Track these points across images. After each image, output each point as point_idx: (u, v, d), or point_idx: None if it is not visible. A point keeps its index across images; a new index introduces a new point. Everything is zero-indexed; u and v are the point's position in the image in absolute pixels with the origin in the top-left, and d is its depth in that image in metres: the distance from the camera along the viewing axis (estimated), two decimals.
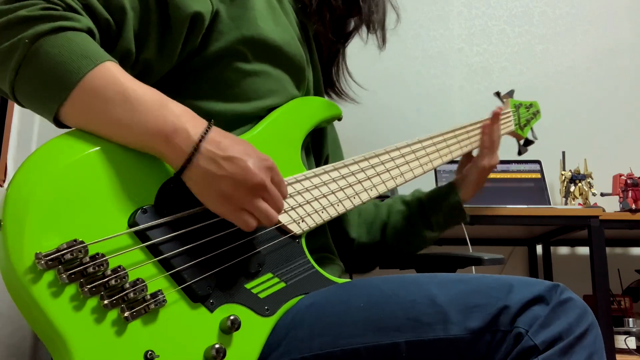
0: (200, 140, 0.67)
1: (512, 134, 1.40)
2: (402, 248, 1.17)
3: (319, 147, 1.05)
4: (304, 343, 0.73)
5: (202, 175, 0.68)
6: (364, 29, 1.10)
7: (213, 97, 0.85)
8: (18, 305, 0.59)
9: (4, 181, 1.70)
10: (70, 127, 0.68)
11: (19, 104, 0.69)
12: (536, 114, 1.47)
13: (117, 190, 0.65)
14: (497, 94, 1.43)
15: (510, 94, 1.42)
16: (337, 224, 1.08)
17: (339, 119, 1.03)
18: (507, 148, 1.68)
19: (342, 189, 0.91)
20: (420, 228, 1.15)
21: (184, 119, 0.68)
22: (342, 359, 0.71)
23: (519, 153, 1.47)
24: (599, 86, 2.43)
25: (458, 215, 1.16)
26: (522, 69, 2.47)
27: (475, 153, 1.22)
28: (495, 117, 1.20)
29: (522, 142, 1.46)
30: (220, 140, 0.69)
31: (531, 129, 1.45)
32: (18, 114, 1.95)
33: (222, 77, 0.86)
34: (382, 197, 1.85)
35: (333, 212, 0.89)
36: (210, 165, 0.67)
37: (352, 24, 1.12)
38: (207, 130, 0.68)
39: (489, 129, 1.19)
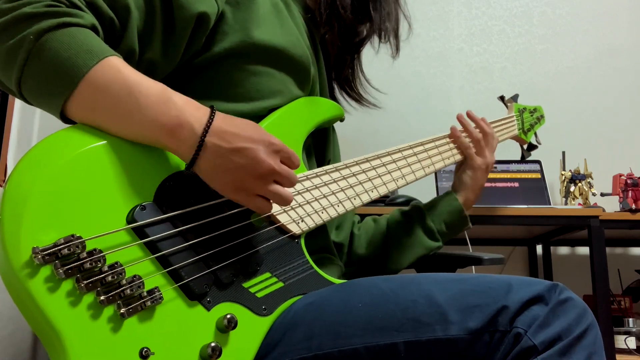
0: (204, 135, 0.67)
1: (516, 138, 1.39)
2: (401, 260, 1.13)
3: (322, 150, 1.05)
4: (302, 343, 0.72)
5: (212, 168, 0.69)
6: (375, 38, 1.09)
7: (215, 97, 0.85)
8: (15, 301, 0.59)
9: (4, 181, 1.69)
10: (75, 123, 0.67)
11: (26, 101, 0.69)
12: (540, 118, 1.46)
13: (116, 187, 0.64)
14: (502, 98, 1.42)
15: (515, 98, 1.42)
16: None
17: (342, 120, 1.02)
18: (507, 148, 1.68)
19: (342, 190, 0.91)
20: (421, 237, 1.13)
21: (187, 112, 0.68)
22: (341, 359, 0.70)
23: (522, 158, 1.46)
24: (599, 86, 2.43)
25: (460, 221, 1.14)
26: (522, 69, 2.47)
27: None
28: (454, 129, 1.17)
29: (525, 146, 1.45)
30: (226, 129, 0.69)
31: (535, 133, 1.45)
32: (18, 114, 1.95)
33: (225, 77, 0.86)
34: (382, 199, 1.85)
35: (333, 213, 0.88)
36: (218, 159, 0.68)
37: (364, 32, 1.11)
38: (210, 121, 0.68)
39: (464, 131, 1.18)
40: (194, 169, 0.69)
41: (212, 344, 0.65)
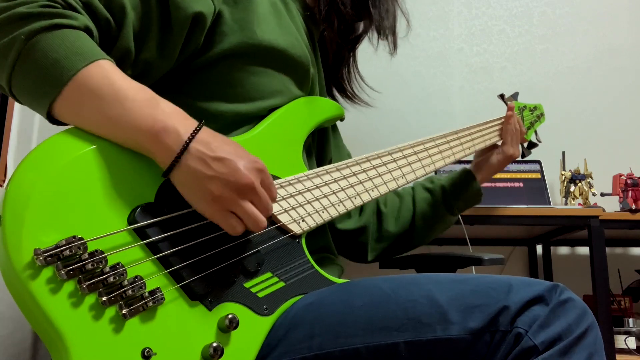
0: (189, 140, 0.66)
1: None
2: (427, 235, 1.22)
3: (322, 150, 1.05)
4: (303, 343, 0.73)
5: (191, 174, 0.67)
6: (374, 34, 1.09)
7: (215, 98, 0.85)
8: (17, 302, 0.59)
9: (4, 181, 1.69)
10: (64, 124, 0.68)
11: (17, 100, 0.70)
12: (540, 116, 1.46)
13: (118, 188, 0.65)
14: (501, 96, 1.42)
15: (515, 96, 1.42)
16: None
17: (342, 119, 1.03)
18: None
19: (343, 189, 0.91)
20: (444, 214, 1.22)
21: (174, 118, 0.67)
22: (342, 358, 0.70)
23: (523, 156, 1.46)
24: (599, 86, 2.43)
25: (476, 199, 1.26)
26: (522, 69, 2.46)
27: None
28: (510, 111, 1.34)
29: (525, 144, 1.45)
30: (210, 141, 0.68)
31: (535, 131, 1.45)
32: (18, 115, 1.94)
33: (225, 78, 0.86)
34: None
35: (334, 212, 0.89)
36: (199, 165, 0.67)
37: (361, 28, 1.12)
38: (197, 130, 0.67)
39: (512, 120, 1.32)
40: (171, 176, 0.68)
41: (214, 344, 0.65)
